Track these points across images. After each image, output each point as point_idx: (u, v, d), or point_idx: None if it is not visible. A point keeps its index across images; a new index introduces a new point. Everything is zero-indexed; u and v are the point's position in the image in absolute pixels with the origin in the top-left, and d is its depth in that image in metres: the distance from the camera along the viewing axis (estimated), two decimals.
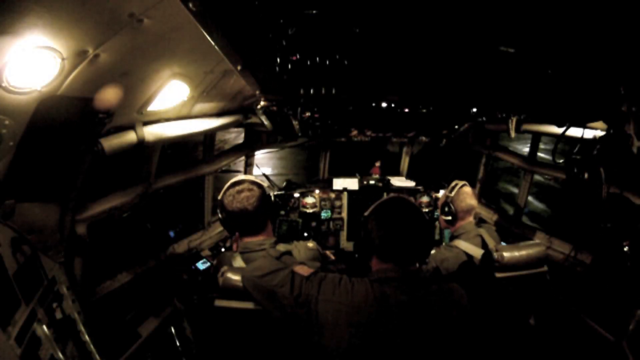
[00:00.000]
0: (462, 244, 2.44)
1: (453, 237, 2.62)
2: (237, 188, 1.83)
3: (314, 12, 1.25)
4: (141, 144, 2.24)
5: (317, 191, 4.11)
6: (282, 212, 3.99)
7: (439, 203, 2.77)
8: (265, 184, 1.93)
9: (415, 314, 1.37)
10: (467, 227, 2.58)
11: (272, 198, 1.93)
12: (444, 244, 2.74)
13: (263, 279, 1.56)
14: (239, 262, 1.85)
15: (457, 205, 2.59)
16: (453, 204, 2.60)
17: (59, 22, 1.27)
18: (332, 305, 1.40)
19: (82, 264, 2.27)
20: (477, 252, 2.35)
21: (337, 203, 4.15)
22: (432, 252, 2.53)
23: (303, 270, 1.54)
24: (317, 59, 1.66)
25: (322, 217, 4.11)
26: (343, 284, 1.45)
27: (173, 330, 3.02)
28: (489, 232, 2.53)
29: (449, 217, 2.62)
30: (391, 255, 1.47)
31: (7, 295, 1.53)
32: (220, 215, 1.89)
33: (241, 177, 1.90)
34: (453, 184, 2.71)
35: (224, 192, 1.85)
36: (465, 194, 2.61)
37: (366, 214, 1.58)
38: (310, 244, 1.98)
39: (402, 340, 1.34)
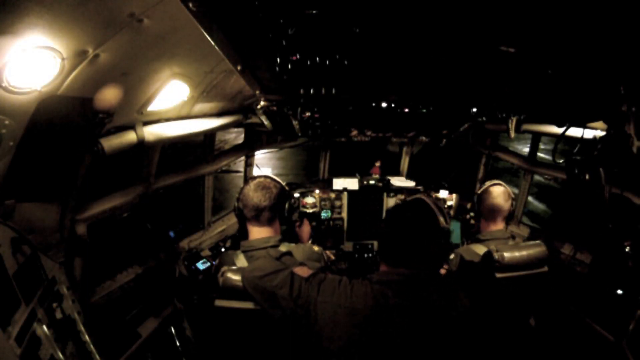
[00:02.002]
0: (480, 249, 2.35)
1: (478, 240, 2.53)
2: (258, 181, 1.97)
3: (314, 12, 1.25)
4: (141, 144, 2.23)
5: (317, 191, 4.10)
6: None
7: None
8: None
9: (415, 315, 1.37)
10: (497, 234, 2.46)
11: (293, 200, 2.10)
12: (464, 245, 2.66)
13: (262, 279, 1.56)
14: (241, 260, 1.85)
15: (481, 204, 2.52)
16: (478, 203, 2.54)
17: (59, 22, 1.26)
18: (332, 306, 1.40)
19: (82, 264, 2.27)
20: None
21: (337, 203, 4.14)
22: (451, 256, 2.49)
23: (302, 272, 1.54)
24: (317, 59, 1.65)
25: (322, 217, 4.11)
26: (342, 285, 1.45)
27: (173, 330, 3.01)
28: None
29: (472, 215, 2.58)
30: (393, 257, 1.47)
31: (7, 295, 1.53)
32: (236, 204, 2.02)
33: (266, 174, 2.06)
34: (488, 183, 2.63)
35: (245, 185, 2.00)
36: (490, 193, 2.51)
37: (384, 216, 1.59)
38: (316, 248, 2.01)
39: (401, 341, 1.33)
